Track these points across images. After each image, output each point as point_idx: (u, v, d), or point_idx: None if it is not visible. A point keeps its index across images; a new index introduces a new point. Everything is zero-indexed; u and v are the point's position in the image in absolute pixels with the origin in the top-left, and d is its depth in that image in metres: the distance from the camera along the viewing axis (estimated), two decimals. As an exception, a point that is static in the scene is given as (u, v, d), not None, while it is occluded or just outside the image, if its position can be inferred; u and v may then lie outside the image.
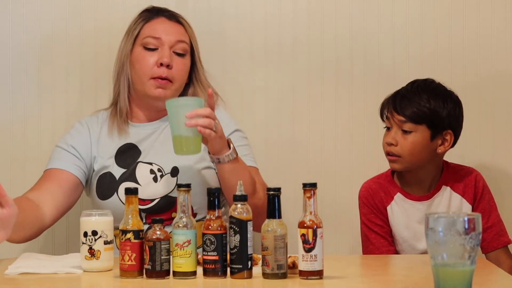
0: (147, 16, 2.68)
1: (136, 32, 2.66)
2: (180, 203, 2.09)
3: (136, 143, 2.64)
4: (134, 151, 2.64)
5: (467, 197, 2.69)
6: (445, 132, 2.64)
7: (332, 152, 3.03)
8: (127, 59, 2.64)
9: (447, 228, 1.74)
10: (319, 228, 2.03)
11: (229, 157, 2.42)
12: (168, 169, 2.58)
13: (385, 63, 3.03)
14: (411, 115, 2.61)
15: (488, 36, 3.02)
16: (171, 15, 2.69)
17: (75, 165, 2.61)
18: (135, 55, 2.64)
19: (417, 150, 2.62)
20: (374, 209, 2.71)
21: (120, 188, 2.57)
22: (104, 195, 2.59)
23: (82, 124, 2.70)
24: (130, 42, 2.65)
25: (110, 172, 2.60)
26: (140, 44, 2.64)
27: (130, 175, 2.59)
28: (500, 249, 2.71)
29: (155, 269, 2.07)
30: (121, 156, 2.63)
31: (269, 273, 2.04)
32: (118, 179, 2.59)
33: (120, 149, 2.64)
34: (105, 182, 2.60)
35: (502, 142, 3.04)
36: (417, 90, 2.65)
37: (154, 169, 2.59)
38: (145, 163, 2.61)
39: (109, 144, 2.64)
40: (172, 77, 2.60)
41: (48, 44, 3.00)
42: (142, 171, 2.59)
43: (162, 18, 2.67)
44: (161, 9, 2.71)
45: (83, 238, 2.16)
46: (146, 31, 2.65)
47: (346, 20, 3.02)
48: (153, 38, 2.62)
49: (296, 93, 3.03)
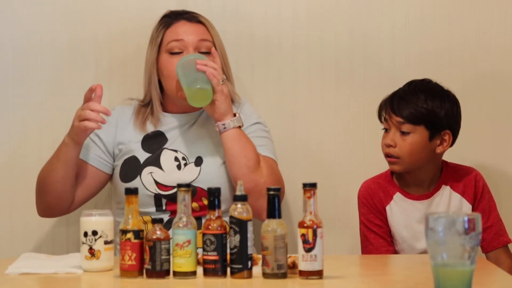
0: (167, 22, 2.71)
1: (159, 39, 2.69)
2: (180, 203, 2.09)
3: (164, 131, 2.69)
4: (161, 138, 2.68)
5: (467, 196, 2.69)
6: (443, 132, 2.64)
7: (332, 152, 3.03)
8: (154, 67, 2.68)
9: (447, 228, 1.74)
10: (319, 228, 2.03)
11: (234, 123, 2.52)
12: (193, 158, 2.63)
13: (385, 63, 3.02)
14: (409, 116, 2.61)
15: (488, 36, 3.02)
16: (191, 16, 2.72)
17: (99, 158, 2.69)
18: (162, 62, 2.67)
19: (416, 151, 2.62)
20: (373, 209, 2.71)
21: (143, 172, 2.62)
22: (127, 178, 2.64)
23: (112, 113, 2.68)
24: (155, 50, 2.68)
25: (135, 156, 2.66)
26: (165, 51, 2.67)
27: (155, 160, 2.64)
28: (500, 248, 2.71)
29: (155, 269, 2.07)
30: (147, 142, 2.68)
31: (269, 273, 2.04)
32: (143, 163, 2.64)
33: (147, 135, 2.69)
34: (129, 166, 2.65)
35: (502, 143, 3.03)
36: (414, 90, 2.65)
37: (178, 156, 2.64)
38: (170, 149, 2.66)
39: (137, 130, 2.70)
40: None
41: (48, 44, 3.00)
42: (166, 157, 2.64)
43: (182, 21, 2.70)
44: (180, 12, 2.73)
45: (83, 238, 2.16)
46: (168, 37, 2.68)
47: (346, 21, 3.02)
48: (176, 41, 2.65)
49: (296, 93, 3.03)
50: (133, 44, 3.00)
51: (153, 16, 3.00)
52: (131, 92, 2.90)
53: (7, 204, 2.99)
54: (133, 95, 2.85)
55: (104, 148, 2.70)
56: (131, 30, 3.00)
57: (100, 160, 2.69)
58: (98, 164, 2.69)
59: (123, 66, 3.01)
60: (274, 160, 2.68)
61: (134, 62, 2.99)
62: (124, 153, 2.67)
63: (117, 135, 2.70)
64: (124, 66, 3.01)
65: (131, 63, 3.00)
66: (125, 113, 2.75)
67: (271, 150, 2.70)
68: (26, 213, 2.98)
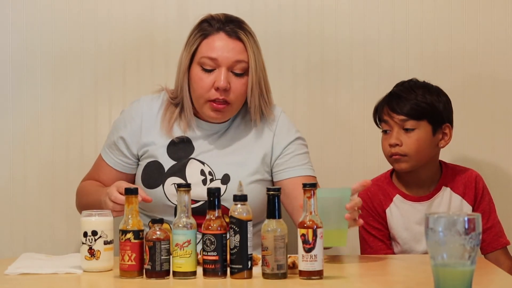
0: (206, 31, 2.55)
1: (194, 47, 2.55)
2: (180, 203, 2.09)
3: (192, 138, 2.59)
4: (188, 145, 2.59)
5: (467, 198, 2.69)
6: (444, 126, 2.66)
7: (332, 151, 3.03)
8: (185, 75, 2.56)
9: (447, 228, 1.74)
10: (319, 228, 2.03)
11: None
12: (220, 175, 2.54)
13: (385, 64, 3.03)
14: (411, 112, 2.62)
15: (488, 37, 3.02)
16: (232, 30, 2.54)
17: (123, 163, 2.61)
18: (193, 75, 2.54)
19: (422, 147, 2.63)
20: (373, 212, 2.70)
21: (167, 182, 2.54)
22: (150, 184, 2.56)
23: (138, 108, 2.64)
24: (188, 58, 2.55)
25: (159, 162, 2.57)
26: (197, 63, 2.54)
27: (180, 170, 2.56)
28: (499, 250, 2.71)
29: (155, 269, 2.07)
30: (173, 148, 2.58)
31: (269, 273, 2.04)
32: (167, 171, 2.56)
33: (173, 141, 2.59)
34: (153, 171, 2.57)
35: (502, 143, 3.03)
36: (410, 87, 2.66)
37: (205, 170, 2.55)
38: (198, 160, 2.57)
39: (163, 132, 2.59)
40: (230, 99, 2.52)
41: (48, 44, 3.00)
42: (192, 169, 2.55)
43: (221, 35, 2.53)
44: (221, 21, 2.56)
45: (83, 238, 2.16)
46: (203, 49, 2.53)
47: (346, 22, 3.02)
48: (210, 59, 2.51)
49: (296, 93, 3.03)
50: (133, 45, 3.00)
51: (152, 18, 3.01)
52: (132, 95, 2.90)
53: (8, 204, 2.99)
54: (133, 98, 2.77)
55: (128, 151, 2.61)
56: (131, 30, 3.01)
57: (124, 165, 2.62)
58: (123, 168, 2.62)
59: (123, 69, 3.01)
60: (315, 177, 2.61)
61: (133, 62, 2.99)
62: (148, 155, 2.59)
63: (142, 136, 2.60)
64: (124, 69, 3.01)
65: (130, 63, 3.00)
66: (152, 108, 2.63)
67: (311, 167, 2.61)
68: (26, 213, 2.99)
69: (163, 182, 2.55)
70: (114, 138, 2.63)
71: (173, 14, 2.95)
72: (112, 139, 2.64)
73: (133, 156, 2.61)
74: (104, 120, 2.98)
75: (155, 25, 3.01)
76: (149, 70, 3.00)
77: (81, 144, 3.00)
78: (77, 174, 2.89)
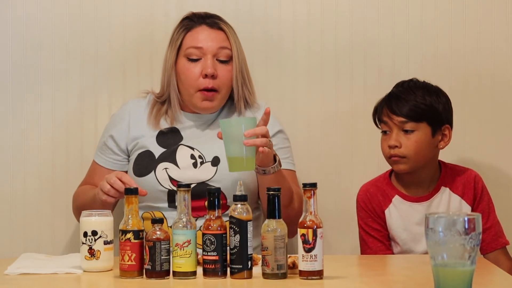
0: (188, 25, 2.69)
1: (178, 42, 2.67)
2: (180, 203, 2.09)
3: (180, 129, 2.68)
4: (176, 134, 2.68)
5: (466, 198, 2.69)
6: (443, 127, 2.65)
7: (332, 152, 3.03)
8: (173, 69, 2.67)
9: (447, 228, 1.74)
10: (319, 228, 2.03)
11: (274, 169, 2.44)
12: (210, 157, 2.62)
13: (385, 64, 3.02)
14: (410, 114, 2.62)
15: (488, 37, 3.02)
16: (213, 22, 2.69)
17: (114, 160, 2.70)
18: (180, 67, 2.66)
19: (421, 149, 2.63)
20: (372, 213, 2.70)
21: (158, 167, 2.61)
22: (141, 172, 2.62)
23: (125, 109, 2.73)
24: (174, 53, 2.67)
25: (150, 150, 2.65)
26: (183, 55, 2.66)
27: (170, 156, 2.63)
28: (499, 250, 2.71)
29: (155, 269, 2.07)
30: (162, 137, 2.67)
31: (269, 273, 2.04)
32: (158, 158, 2.63)
33: (161, 131, 2.68)
34: (143, 160, 2.64)
35: (502, 143, 3.03)
36: (410, 89, 2.66)
37: (195, 154, 2.63)
38: (187, 146, 2.65)
39: (150, 126, 2.69)
40: (218, 86, 2.64)
41: (48, 44, 3.00)
42: (182, 154, 2.63)
43: (203, 26, 2.67)
44: (202, 16, 2.70)
45: (83, 238, 2.16)
46: (188, 41, 2.66)
47: (346, 22, 3.02)
48: (195, 48, 2.64)
49: (295, 93, 3.03)
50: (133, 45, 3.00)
51: (152, 18, 3.01)
52: (132, 95, 2.90)
53: (8, 204, 2.99)
54: (132, 96, 2.86)
55: (117, 148, 2.70)
56: (131, 31, 3.01)
57: (115, 162, 2.70)
58: (114, 166, 2.70)
59: (123, 69, 3.01)
60: (295, 171, 2.69)
61: (133, 62, 2.99)
62: (138, 147, 2.67)
63: (131, 130, 2.70)
64: (124, 69, 3.01)
65: (130, 63, 3.00)
66: (139, 107, 2.74)
67: (292, 161, 2.70)
68: (26, 213, 2.98)
69: (155, 168, 2.62)
70: (104, 139, 2.73)
71: (173, 14, 2.94)
72: (102, 141, 2.74)
73: (122, 152, 2.70)
74: (104, 121, 2.97)
75: (155, 25, 3.01)
76: (149, 70, 3.00)
77: (81, 144, 3.00)
78: (77, 174, 2.90)
